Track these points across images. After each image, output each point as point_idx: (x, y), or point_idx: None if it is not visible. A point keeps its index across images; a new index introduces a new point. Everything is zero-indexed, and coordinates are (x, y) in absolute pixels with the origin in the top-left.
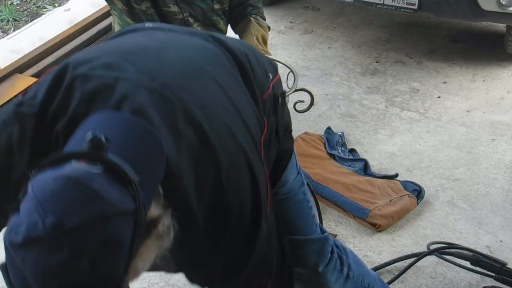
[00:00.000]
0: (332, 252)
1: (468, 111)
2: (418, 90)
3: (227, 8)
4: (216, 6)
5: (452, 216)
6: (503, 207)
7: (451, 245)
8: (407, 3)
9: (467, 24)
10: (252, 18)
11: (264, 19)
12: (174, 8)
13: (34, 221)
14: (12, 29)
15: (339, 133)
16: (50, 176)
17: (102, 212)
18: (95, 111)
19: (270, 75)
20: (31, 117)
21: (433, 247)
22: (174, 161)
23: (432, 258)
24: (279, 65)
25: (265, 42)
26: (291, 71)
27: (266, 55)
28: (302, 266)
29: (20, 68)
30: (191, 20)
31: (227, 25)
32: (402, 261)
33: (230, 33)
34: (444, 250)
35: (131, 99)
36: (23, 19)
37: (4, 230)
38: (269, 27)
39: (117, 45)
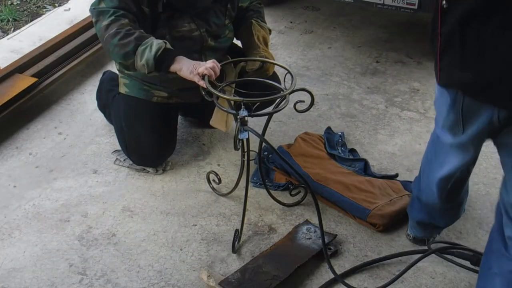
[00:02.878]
0: None
1: None
2: (418, 90)
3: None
4: (227, 22)
5: None
6: None
7: (454, 245)
8: (407, 3)
9: None
10: (253, 21)
11: (265, 23)
12: (191, 26)
13: None
14: (12, 29)
15: (339, 133)
16: None
17: None
18: None
19: None
20: None
21: (434, 246)
22: None
23: (432, 258)
24: (278, 66)
25: (265, 43)
26: (289, 72)
27: (266, 57)
28: None
29: (20, 68)
30: (206, 35)
31: (233, 35)
32: (403, 262)
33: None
34: (445, 250)
35: None
36: (23, 19)
37: None
38: (270, 30)
39: None
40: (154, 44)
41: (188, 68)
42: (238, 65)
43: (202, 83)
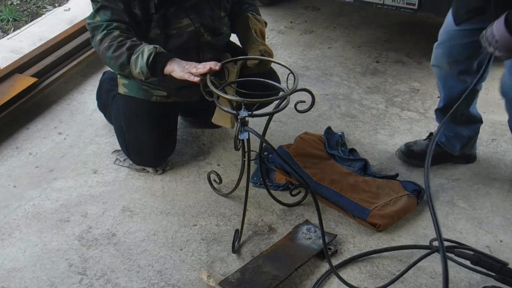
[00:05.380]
0: None
1: None
2: (418, 90)
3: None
4: (223, 14)
5: (452, 216)
6: (503, 207)
7: (455, 244)
8: (407, 3)
9: None
10: (249, 14)
11: (260, 15)
12: (185, 21)
13: None
14: (12, 29)
15: (339, 133)
16: None
17: None
18: None
19: None
20: None
21: (435, 243)
22: None
23: (432, 258)
24: (279, 65)
25: (263, 36)
26: (291, 72)
27: (265, 50)
28: None
29: (20, 68)
30: (202, 30)
31: (230, 31)
32: (403, 262)
33: (233, 37)
34: (446, 249)
35: None
36: (23, 19)
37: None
38: (266, 23)
39: None
40: (145, 51)
41: (179, 67)
42: (238, 61)
43: (192, 78)
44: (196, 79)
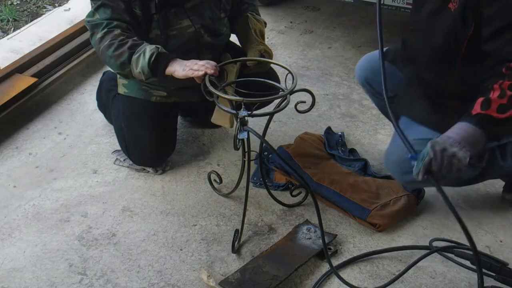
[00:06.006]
0: None
1: None
2: None
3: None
4: (222, 15)
5: (452, 216)
6: (503, 207)
7: (455, 244)
8: (407, 3)
9: None
10: (249, 14)
11: (259, 16)
12: (186, 22)
13: None
14: (12, 29)
15: (339, 133)
16: None
17: None
18: None
19: None
20: None
21: (435, 244)
22: None
23: (432, 258)
24: (279, 66)
25: (262, 36)
26: (290, 72)
27: (264, 50)
28: None
29: (20, 68)
30: (202, 31)
31: (230, 31)
32: (403, 262)
33: (233, 37)
34: (446, 249)
35: None
36: (23, 19)
37: None
38: (265, 23)
39: None
40: (147, 51)
41: (181, 67)
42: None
43: (196, 74)
44: (200, 73)
